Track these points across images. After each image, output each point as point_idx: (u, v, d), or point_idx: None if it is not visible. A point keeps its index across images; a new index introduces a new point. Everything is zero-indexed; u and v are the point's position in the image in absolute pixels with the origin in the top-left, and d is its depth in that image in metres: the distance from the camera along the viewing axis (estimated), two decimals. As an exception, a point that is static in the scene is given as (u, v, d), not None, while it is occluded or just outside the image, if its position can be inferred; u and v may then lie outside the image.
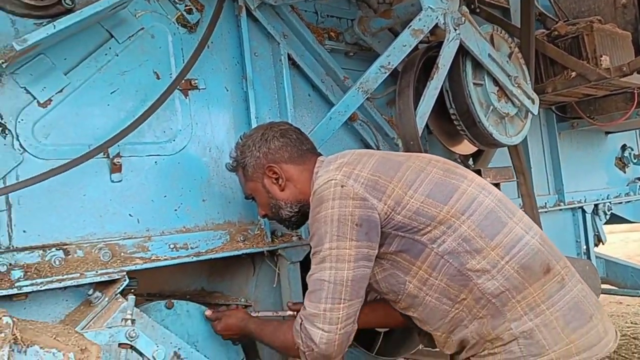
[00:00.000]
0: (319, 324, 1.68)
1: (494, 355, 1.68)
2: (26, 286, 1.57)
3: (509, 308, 1.66)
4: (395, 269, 1.76)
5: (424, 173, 1.75)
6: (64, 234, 1.72)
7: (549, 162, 3.57)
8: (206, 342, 2.02)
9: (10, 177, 1.65)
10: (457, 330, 1.75)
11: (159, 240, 1.87)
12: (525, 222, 1.76)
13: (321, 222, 1.70)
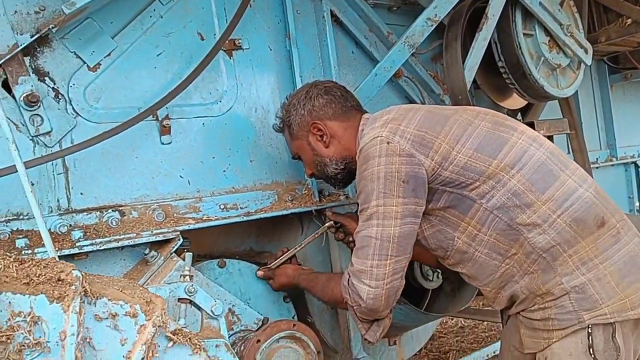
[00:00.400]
0: (366, 280, 1.69)
1: (544, 310, 1.66)
2: (86, 246, 1.62)
3: (560, 262, 1.63)
4: (443, 225, 1.75)
5: (472, 127, 1.71)
6: (119, 196, 1.76)
7: (601, 115, 3.44)
8: (258, 299, 2.06)
9: (65, 141, 1.68)
10: (507, 286, 1.74)
11: (209, 201, 1.90)
12: (579, 175, 1.71)
13: (368, 180, 1.69)
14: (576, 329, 1.60)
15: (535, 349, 1.69)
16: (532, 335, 1.71)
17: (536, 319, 1.68)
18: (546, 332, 1.65)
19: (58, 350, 1.05)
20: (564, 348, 1.61)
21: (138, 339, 1.13)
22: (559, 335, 1.62)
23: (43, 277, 1.04)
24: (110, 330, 1.11)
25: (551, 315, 1.64)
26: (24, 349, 1.02)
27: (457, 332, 4.39)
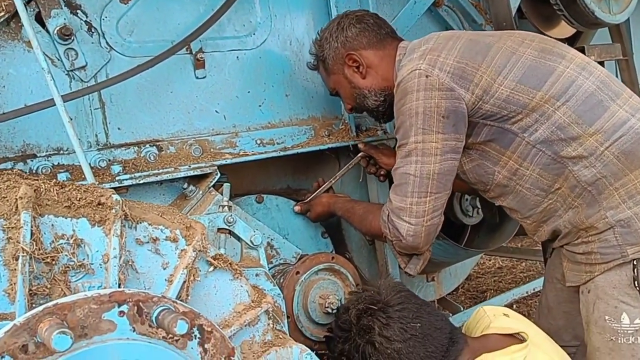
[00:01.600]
0: (405, 217, 1.66)
1: (587, 244, 1.61)
2: (126, 180, 1.63)
3: (605, 196, 1.57)
4: (483, 159, 1.70)
5: (516, 55, 1.62)
6: (156, 131, 1.76)
7: (654, 46, 3.24)
8: (296, 234, 2.07)
9: (100, 75, 1.67)
10: (550, 220, 1.69)
11: (245, 136, 1.88)
12: (632, 104, 1.61)
13: (406, 115, 1.63)
14: (619, 263, 1.55)
15: (578, 282, 1.66)
16: (575, 268, 1.67)
17: (579, 253, 1.64)
18: (589, 265, 1.61)
19: (102, 272, 1.07)
20: (608, 281, 1.57)
21: (179, 263, 1.14)
22: (601, 269, 1.58)
23: (84, 201, 1.05)
24: (152, 254, 1.13)
25: (594, 249, 1.59)
26: (68, 270, 1.04)
27: (494, 273, 4.36)
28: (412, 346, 1.49)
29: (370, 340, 1.50)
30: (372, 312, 1.52)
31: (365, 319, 1.52)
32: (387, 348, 1.48)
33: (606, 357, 1.60)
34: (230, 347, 1.11)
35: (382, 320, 1.51)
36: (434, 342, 1.51)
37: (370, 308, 1.53)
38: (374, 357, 1.50)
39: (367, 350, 1.50)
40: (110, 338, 0.99)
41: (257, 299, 1.26)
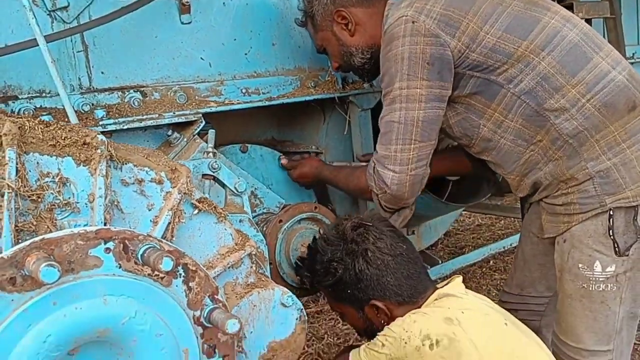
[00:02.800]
0: (390, 166, 1.69)
1: (566, 195, 1.66)
2: (110, 124, 1.62)
3: (586, 148, 1.61)
4: (469, 113, 1.72)
5: (502, 6, 1.63)
6: (140, 76, 1.74)
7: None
8: (279, 185, 2.09)
9: (83, 16, 1.63)
10: (531, 173, 1.73)
11: (231, 85, 1.87)
12: (613, 57, 1.64)
13: (392, 61, 1.64)
14: (597, 213, 1.60)
15: (555, 233, 1.71)
16: (553, 220, 1.72)
17: (558, 204, 1.68)
18: (567, 216, 1.66)
19: (87, 212, 1.08)
20: (584, 230, 1.63)
21: (164, 205, 1.16)
22: (579, 219, 1.63)
23: (69, 140, 1.05)
24: (137, 196, 1.14)
25: (573, 200, 1.64)
26: (54, 209, 1.05)
27: (473, 230, 4.46)
28: (399, 262, 1.57)
29: (364, 248, 1.56)
30: (366, 227, 1.59)
31: (360, 230, 1.59)
32: (378, 259, 1.55)
33: (577, 303, 1.67)
34: (214, 286, 1.14)
35: (376, 234, 1.58)
36: (415, 266, 1.59)
37: (364, 224, 1.60)
38: (363, 266, 1.56)
39: (359, 259, 1.56)
40: (96, 274, 1.01)
41: (241, 242, 1.29)
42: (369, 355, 1.47)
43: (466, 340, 1.41)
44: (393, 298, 1.57)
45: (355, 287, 1.60)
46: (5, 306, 0.94)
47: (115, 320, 1.01)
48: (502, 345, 1.44)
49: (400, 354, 1.43)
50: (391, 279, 1.57)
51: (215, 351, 1.15)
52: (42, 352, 0.94)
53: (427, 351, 1.40)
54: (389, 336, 1.46)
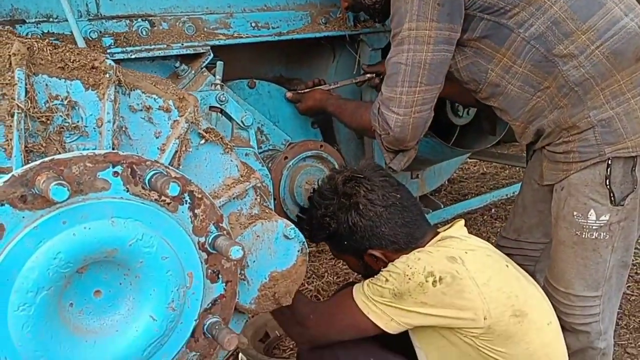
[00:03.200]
0: (394, 108, 1.68)
1: (567, 143, 1.67)
2: (117, 53, 1.61)
3: (590, 96, 1.60)
4: (477, 57, 1.70)
5: None
6: (149, 5, 1.72)
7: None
8: (287, 122, 2.09)
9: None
10: (536, 120, 1.73)
11: (240, 18, 1.84)
12: (627, 3, 1.61)
13: (402, 1, 1.61)
14: (596, 162, 1.61)
15: (554, 181, 1.73)
16: (553, 167, 1.73)
17: (559, 152, 1.69)
18: (566, 164, 1.67)
19: (96, 136, 1.09)
20: (581, 179, 1.64)
21: (172, 133, 1.17)
22: (577, 167, 1.64)
23: (77, 63, 1.05)
24: (145, 122, 1.14)
25: (573, 148, 1.64)
26: (63, 131, 1.06)
27: (477, 178, 4.48)
28: (392, 212, 1.59)
29: (355, 202, 1.59)
30: (357, 179, 1.61)
31: (351, 183, 1.61)
32: (370, 211, 1.58)
33: (569, 250, 1.70)
34: (219, 214, 1.17)
35: (367, 186, 1.60)
36: (410, 214, 1.61)
37: (355, 176, 1.62)
38: (356, 219, 1.59)
39: (351, 212, 1.59)
40: (104, 196, 1.03)
41: (246, 174, 1.30)
42: (371, 289, 1.52)
43: (468, 278, 1.45)
44: (390, 246, 1.61)
45: (350, 239, 1.63)
46: (17, 223, 0.97)
47: (123, 242, 1.03)
48: (502, 285, 1.48)
49: (403, 289, 1.47)
50: (385, 229, 1.59)
51: (219, 277, 1.19)
52: (53, 268, 0.98)
53: (430, 287, 1.44)
54: (392, 272, 1.50)
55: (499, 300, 1.45)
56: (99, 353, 1.07)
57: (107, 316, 1.10)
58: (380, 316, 1.50)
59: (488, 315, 1.44)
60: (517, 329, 1.47)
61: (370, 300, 1.51)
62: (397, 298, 1.47)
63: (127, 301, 1.11)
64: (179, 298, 1.12)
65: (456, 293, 1.44)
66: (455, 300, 1.44)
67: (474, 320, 1.45)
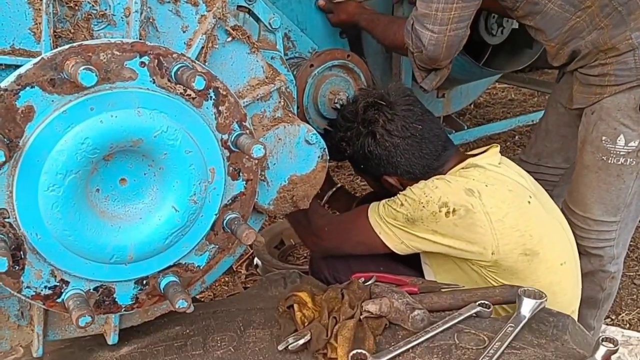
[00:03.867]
0: (429, 25, 1.63)
1: (604, 65, 1.62)
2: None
3: (634, 17, 1.54)
4: None
5: None
6: None
7: None
8: (314, 30, 2.04)
9: None
10: (572, 41, 1.67)
11: None
12: None
13: None
14: (632, 86, 1.58)
15: (584, 104, 1.69)
16: (585, 90, 1.69)
17: (593, 75, 1.65)
18: (600, 87, 1.63)
19: (123, 26, 1.09)
20: (615, 103, 1.61)
21: (199, 28, 1.16)
22: (612, 91, 1.60)
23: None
24: (172, 15, 1.13)
25: (610, 70, 1.60)
26: (91, 19, 1.06)
27: (504, 104, 4.39)
28: (409, 144, 1.58)
29: (372, 131, 1.58)
30: (379, 106, 1.59)
31: (372, 111, 1.59)
32: (386, 141, 1.57)
33: (593, 174, 1.69)
34: (243, 113, 1.18)
35: (387, 115, 1.58)
36: (430, 146, 1.59)
37: (378, 103, 1.59)
38: (372, 147, 1.59)
39: (368, 140, 1.59)
40: (131, 86, 1.04)
41: (271, 76, 1.29)
42: (386, 210, 1.54)
43: (482, 213, 1.45)
44: (405, 175, 1.61)
45: (366, 164, 1.63)
46: (46, 106, 0.99)
47: (148, 132, 1.06)
48: (518, 223, 1.48)
49: (416, 215, 1.49)
50: (401, 159, 1.58)
51: (240, 174, 1.22)
52: (81, 152, 1.01)
53: (443, 217, 1.46)
54: (408, 197, 1.51)
55: (510, 238, 1.47)
56: (123, 237, 1.12)
57: (132, 204, 1.14)
58: (391, 237, 1.54)
59: (496, 251, 1.46)
60: (524, 266, 1.49)
61: (384, 221, 1.54)
62: (410, 223, 1.50)
63: (151, 191, 1.14)
64: (200, 192, 1.15)
65: (468, 226, 1.46)
66: (465, 232, 1.46)
67: (481, 254, 1.48)
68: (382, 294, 1.38)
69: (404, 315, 1.30)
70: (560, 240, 1.58)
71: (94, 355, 1.31)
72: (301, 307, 1.35)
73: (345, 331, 1.25)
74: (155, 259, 1.17)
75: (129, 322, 1.30)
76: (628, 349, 2.17)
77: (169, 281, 1.20)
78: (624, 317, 2.43)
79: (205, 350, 1.31)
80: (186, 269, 1.23)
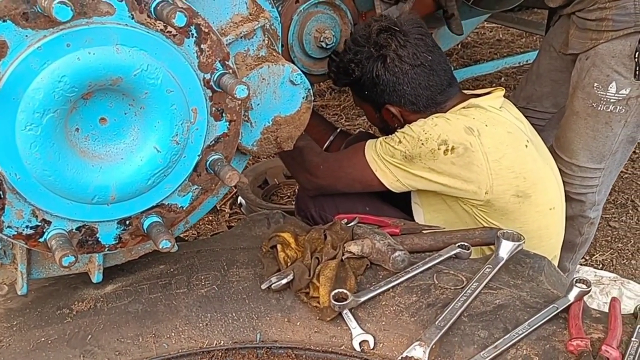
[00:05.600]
0: None
1: (602, 10, 1.59)
2: None
3: None
4: None
5: None
6: None
7: None
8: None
9: None
10: None
11: None
12: None
13: None
14: (629, 32, 1.55)
15: (580, 50, 1.67)
16: (581, 35, 1.67)
17: (590, 19, 1.62)
18: (597, 32, 1.61)
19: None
20: (610, 49, 1.59)
21: (179, -40, 1.10)
22: (608, 37, 1.58)
23: None
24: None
25: (608, 15, 1.57)
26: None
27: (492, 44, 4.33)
28: (418, 73, 1.57)
29: (383, 54, 1.57)
30: (393, 31, 1.57)
31: (385, 35, 1.57)
32: (396, 66, 1.56)
33: (582, 121, 1.70)
34: (226, 52, 1.14)
35: (400, 41, 1.56)
36: (436, 78, 1.58)
37: (392, 28, 1.57)
38: (380, 72, 1.57)
39: (378, 64, 1.57)
40: (109, 21, 1.00)
41: (255, 13, 1.25)
42: (384, 147, 1.53)
43: (480, 152, 1.46)
44: (408, 106, 1.59)
45: (371, 90, 1.61)
46: (20, 41, 0.95)
47: (128, 70, 1.02)
48: (514, 164, 1.49)
49: (414, 153, 1.49)
50: (407, 88, 1.56)
51: (223, 115, 1.20)
52: (58, 91, 0.98)
53: (441, 155, 1.46)
54: (407, 134, 1.50)
55: (505, 179, 1.48)
56: (105, 177, 1.11)
57: (113, 144, 1.12)
58: (387, 175, 1.54)
59: (490, 191, 1.48)
60: (515, 208, 1.51)
61: (380, 158, 1.54)
62: (407, 160, 1.50)
63: (132, 131, 1.12)
64: (182, 132, 1.13)
65: (465, 164, 1.46)
66: (462, 171, 1.47)
67: (475, 193, 1.49)
68: (364, 235, 1.40)
69: (385, 256, 1.33)
70: (551, 186, 1.60)
71: (79, 293, 1.32)
72: (284, 247, 1.37)
73: (327, 271, 1.28)
74: (138, 199, 1.17)
75: (113, 261, 1.31)
76: (599, 288, 2.25)
77: (152, 221, 1.20)
78: (598, 257, 2.51)
79: (189, 289, 1.32)
80: (169, 209, 1.23)
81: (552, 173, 1.62)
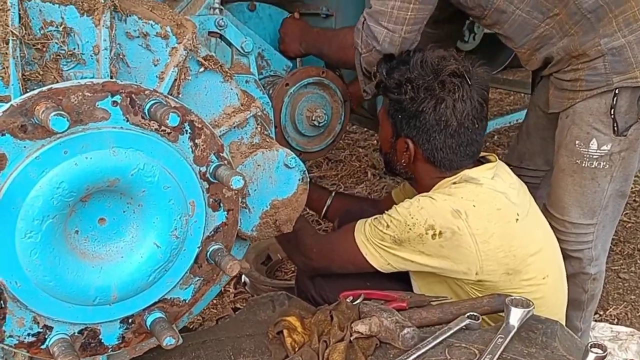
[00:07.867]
0: (384, 22, 1.60)
1: (575, 71, 1.64)
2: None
3: (603, 24, 1.56)
4: None
5: None
6: None
7: None
8: (288, 47, 2.03)
9: None
10: (543, 48, 1.69)
11: None
12: None
13: None
14: (603, 91, 1.60)
15: (559, 108, 1.72)
16: (559, 95, 1.72)
17: (566, 80, 1.67)
18: (572, 92, 1.66)
19: (93, 64, 1.07)
20: (587, 107, 1.63)
21: (170, 61, 1.14)
22: (584, 96, 1.63)
23: (70, -12, 1.02)
24: (143, 50, 1.12)
25: (581, 76, 1.62)
26: (59, 59, 1.04)
27: (482, 104, 4.42)
28: (458, 132, 1.51)
29: (442, 97, 1.49)
30: (464, 80, 1.49)
31: (456, 80, 1.49)
32: (445, 115, 1.49)
33: (568, 178, 1.72)
34: (220, 144, 1.17)
35: (465, 94, 1.49)
36: (467, 148, 1.55)
37: (465, 77, 1.49)
38: (429, 110, 1.50)
39: (432, 102, 1.49)
40: (104, 126, 1.03)
41: (247, 102, 1.29)
42: (372, 231, 1.53)
43: (468, 235, 1.45)
44: (427, 152, 1.55)
45: (406, 118, 1.55)
46: (19, 152, 0.97)
47: (124, 171, 1.04)
48: (502, 243, 1.48)
49: (402, 237, 1.49)
50: (439, 138, 1.51)
51: (220, 205, 1.21)
52: (57, 197, 0.99)
53: (429, 239, 1.46)
54: (394, 218, 1.50)
55: (494, 259, 1.48)
56: (106, 277, 1.10)
57: (112, 243, 1.12)
58: (378, 259, 1.54)
59: (480, 272, 1.48)
60: (506, 285, 1.51)
61: (370, 242, 1.54)
62: (397, 244, 1.50)
63: (131, 229, 1.13)
64: (181, 226, 1.14)
65: (454, 247, 1.46)
66: (451, 253, 1.47)
67: (465, 274, 1.50)
68: (371, 312, 1.38)
69: (394, 333, 1.30)
70: (544, 256, 1.57)
71: (83, 395, 1.29)
72: (291, 332, 1.34)
73: (336, 355, 1.25)
74: (140, 296, 1.16)
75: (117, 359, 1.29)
76: (618, 344, 2.20)
77: (156, 318, 1.19)
78: (612, 312, 2.46)
79: (197, 383, 1.29)
80: (172, 303, 1.22)
81: (546, 239, 1.62)
